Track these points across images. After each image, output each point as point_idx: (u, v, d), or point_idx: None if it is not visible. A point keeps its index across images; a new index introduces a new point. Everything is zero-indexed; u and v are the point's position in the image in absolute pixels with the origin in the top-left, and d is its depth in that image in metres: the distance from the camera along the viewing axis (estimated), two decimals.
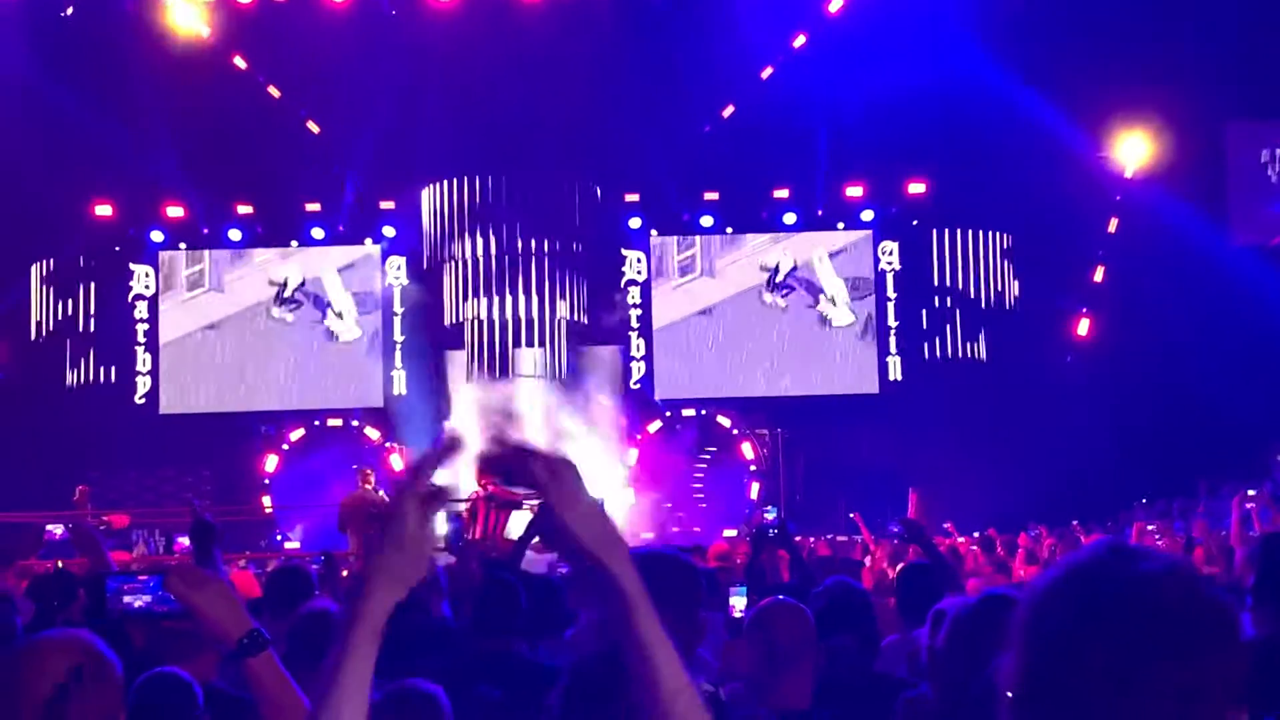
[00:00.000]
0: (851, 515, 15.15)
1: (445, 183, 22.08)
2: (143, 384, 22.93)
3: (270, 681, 2.53)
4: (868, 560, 13.21)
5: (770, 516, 7.30)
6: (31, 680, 2.48)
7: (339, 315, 23.02)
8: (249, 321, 23.07)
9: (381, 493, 16.64)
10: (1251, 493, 10.98)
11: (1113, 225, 22.63)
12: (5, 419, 21.15)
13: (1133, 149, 22.24)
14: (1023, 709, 1.59)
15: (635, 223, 23.05)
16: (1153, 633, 1.51)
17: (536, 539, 7.47)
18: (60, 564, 10.52)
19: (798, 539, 9.04)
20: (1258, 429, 19.25)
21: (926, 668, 3.92)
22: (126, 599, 3.53)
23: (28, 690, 2.48)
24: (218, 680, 4.24)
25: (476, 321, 21.93)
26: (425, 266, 22.58)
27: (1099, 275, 22.75)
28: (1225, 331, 20.39)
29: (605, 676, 3.06)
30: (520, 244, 21.88)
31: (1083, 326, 22.90)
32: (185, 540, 6.45)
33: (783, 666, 3.98)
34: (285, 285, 22.96)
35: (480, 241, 21.92)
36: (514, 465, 1.87)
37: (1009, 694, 1.61)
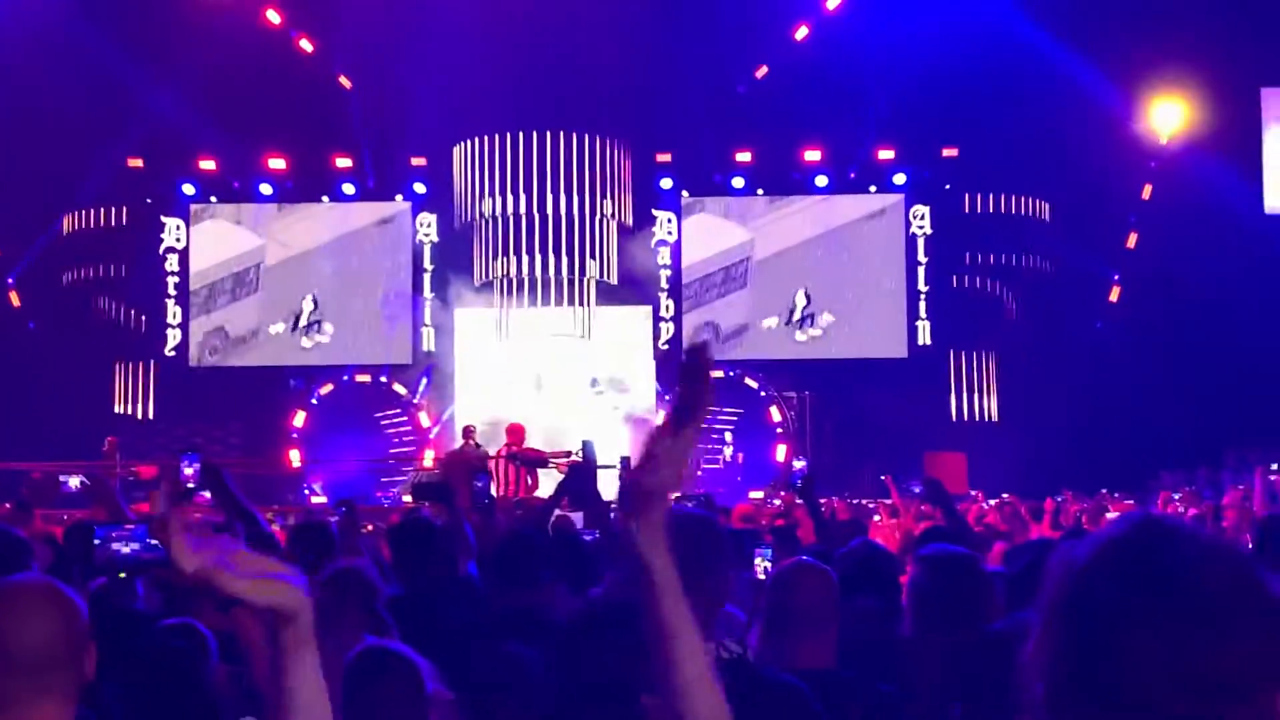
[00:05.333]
0: (883, 478, 15.10)
1: (476, 140, 22.00)
2: (173, 336, 23.04)
3: (256, 631, 2.52)
4: (876, 520, 13.20)
5: (799, 466, 7.27)
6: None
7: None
8: (278, 275, 23.14)
9: (483, 449, 17.04)
10: (1275, 466, 10.85)
11: (1147, 192, 22.45)
12: (34, 370, 21.29)
13: (1168, 115, 22.05)
14: (1062, 685, 1.55)
15: (666, 183, 23.00)
16: (1195, 614, 1.48)
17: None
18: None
19: (821, 501, 9.00)
20: None
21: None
22: (115, 545, 3.55)
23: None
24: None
25: (506, 280, 21.91)
26: (455, 224, 22.56)
27: (1132, 242, 22.59)
28: (1257, 300, 20.26)
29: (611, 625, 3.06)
30: (550, 202, 21.82)
31: (1114, 293, 22.75)
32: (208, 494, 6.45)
33: (805, 627, 3.98)
34: (300, 315, 23.08)
35: (510, 199, 21.86)
36: (703, 382, 1.83)
37: (1040, 668, 1.58)
